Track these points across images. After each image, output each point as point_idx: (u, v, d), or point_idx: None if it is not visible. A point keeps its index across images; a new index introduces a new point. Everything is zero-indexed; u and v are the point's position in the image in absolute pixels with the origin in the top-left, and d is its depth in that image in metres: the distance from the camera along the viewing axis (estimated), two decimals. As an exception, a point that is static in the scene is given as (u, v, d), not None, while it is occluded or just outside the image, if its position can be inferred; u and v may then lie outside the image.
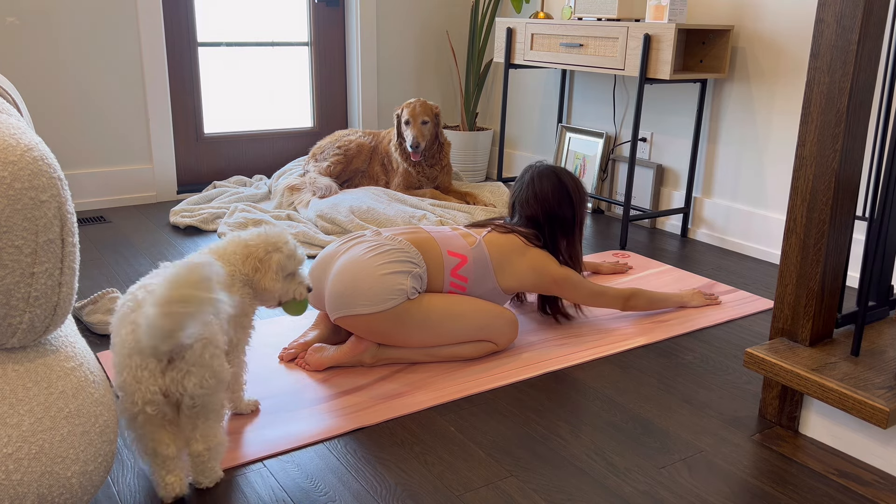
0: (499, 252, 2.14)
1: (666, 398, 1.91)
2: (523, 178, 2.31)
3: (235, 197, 3.47)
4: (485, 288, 2.12)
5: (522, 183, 2.30)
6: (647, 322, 2.36)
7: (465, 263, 2.08)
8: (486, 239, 2.16)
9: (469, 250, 2.10)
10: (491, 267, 2.12)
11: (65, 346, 1.24)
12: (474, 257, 2.10)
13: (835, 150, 1.65)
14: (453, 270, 2.06)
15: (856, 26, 1.58)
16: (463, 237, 2.14)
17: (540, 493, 1.52)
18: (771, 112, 2.96)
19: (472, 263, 2.09)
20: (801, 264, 1.74)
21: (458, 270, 2.07)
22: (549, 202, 2.24)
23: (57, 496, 1.15)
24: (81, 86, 3.37)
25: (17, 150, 1.10)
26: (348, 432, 1.72)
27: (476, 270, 2.10)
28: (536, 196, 2.25)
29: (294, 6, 3.96)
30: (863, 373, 1.63)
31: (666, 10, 2.93)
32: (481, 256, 2.11)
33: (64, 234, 1.16)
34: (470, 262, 2.09)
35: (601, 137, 3.66)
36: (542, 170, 2.29)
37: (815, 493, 1.54)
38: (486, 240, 2.15)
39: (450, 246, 2.09)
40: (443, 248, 2.07)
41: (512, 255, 2.15)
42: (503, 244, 2.16)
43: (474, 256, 2.10)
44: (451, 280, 2.07)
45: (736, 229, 3.14)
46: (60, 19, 3.26)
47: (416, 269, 1.99)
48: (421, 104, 3.44)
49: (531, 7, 3.99)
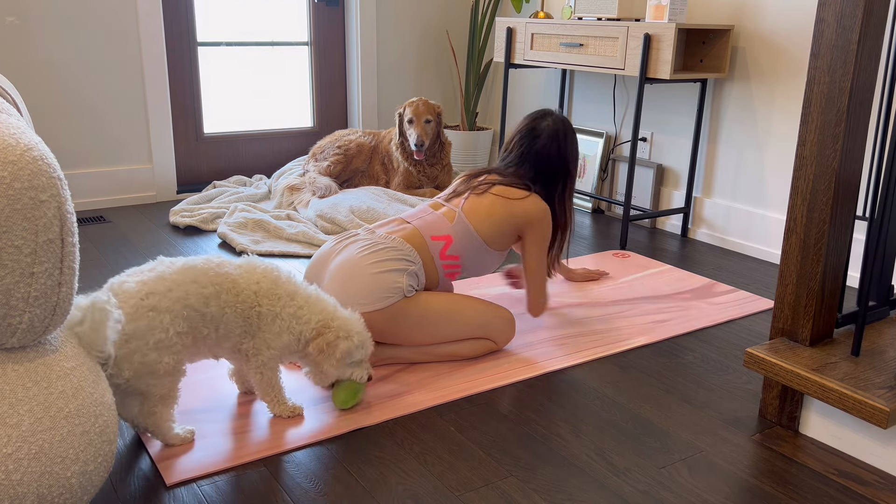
0: (479, 217, 2.13)
1: (666, 398, 1.91)
2: (523, 124, 2.29)
3: (235, 197, 3.47)
4: (478, 256, 2.13)
5: (523, 128, 2.29)
6: (647, 322, 2.36)
7: (451, 243, 2.09)
8: (465, 209, 2.14)
9: (450, 227, 2.10)
10: (476, 234, 2.12)
11: (65, 345, 1.24)
12: (457, 232, 2.10)
13: (835, 150, 1.65)
14: (441, 253, 2.07)
15: (856, 26, 1.58)
16: (444, 216, 2.13)
17: (540, 493, 1.52)
18: (771, 112, 2.96)
19: (457, 239, 2.10)
20: (802, 264, 1.74)
21: (447, 251, 2.08)
22: (548, 146, 2.23)
23: (57, 496, 1.15)
24: (81, 85, 3.37)
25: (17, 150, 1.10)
26: (348, 432, 1.72)
27: (463, 244, 2.10)
28: (535, 140, 2.24)
29: (294, 6, 3.96)
30: (863, 373, 1.63)
31: (666, 9, 2.93)
32: (464, 229, 2.11)
33: (63, 234, 1.16)
34: (455, 239, 2.09)
35: (601, 137, 3.66)
36: (541, 114, 2.28)
37: (815, 493, 1.54)
38: (465, 209, 2.14)
39: (432, 231, 2.09)
40: (425, 236, 2.07)
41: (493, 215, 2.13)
42: (482, 208, 2.14)
43: (456, 231, 2.10)
44: (443, 263, 2.08)
45: (736, 229, 3.14)
46: (60, 19, 3.26)
47: (411, 266, 1.99)
48: (424, 103, 3.44)
49: (531, 7, 3.99)
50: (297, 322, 1.67)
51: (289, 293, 1.68)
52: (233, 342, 1.66)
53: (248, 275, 1.66)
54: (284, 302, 1.67)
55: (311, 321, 1.68)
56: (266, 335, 1.65)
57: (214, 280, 1.61)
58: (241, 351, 1.68)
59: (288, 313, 1.66)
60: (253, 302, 1.64)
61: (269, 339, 1.66)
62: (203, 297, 1.58)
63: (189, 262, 1.63)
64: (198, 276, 1.60)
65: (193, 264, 1.62)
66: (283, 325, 1.66)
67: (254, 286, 1.65)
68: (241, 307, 1.63)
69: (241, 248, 2.90)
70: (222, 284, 1.61)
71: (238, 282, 1.64)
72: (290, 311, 1.66)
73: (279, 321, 1.65)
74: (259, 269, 1.69)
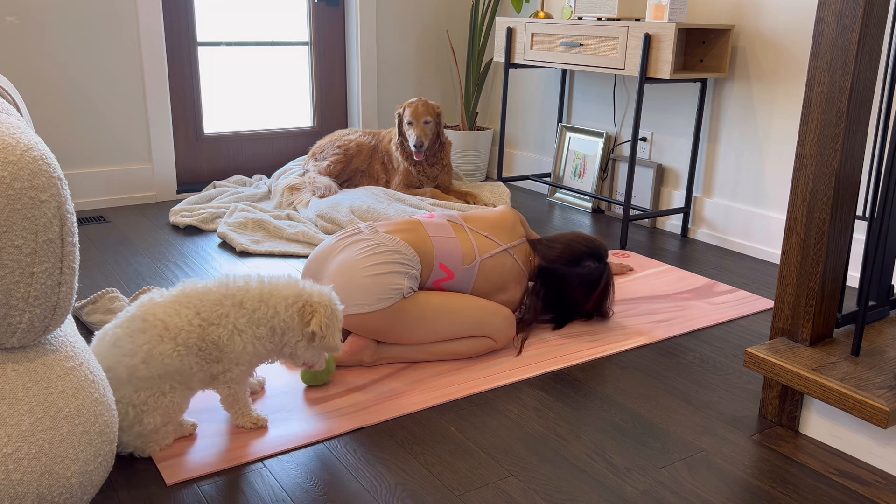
0: (486, 278, 2.15)
1: (666, 398, 1.91)
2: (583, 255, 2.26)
3: (235, 196, 3.46)
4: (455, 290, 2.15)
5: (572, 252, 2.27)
6: (647, 322, 2.35)
7: (450, 280, 2.10)
8: (485, 264, 2.14)
9: (461, 269, 2.11)
10: (471, 287, 2.14)
11: (64, 345, 1.24)
12: (461, 276, 2.11)
13: (835, 150, 1.65)
14: (436, 282, 2.09)
15: (856, 25, 1.58)
16: (463, 251, 2.12)
17: (540, 493, 1.52)
18: (771, 111, 2.95)
19: (456, 282, 2.12)
20: (802, 264, 1.74)
21: (441, 283, 2.10)
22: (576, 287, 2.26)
23: (57, 496, 1.15)
24: (81, 85, 3.37)
25: (17, 150, 1.10)
26: (348, 432, 1.72)
27: (456, 287, 2.13)
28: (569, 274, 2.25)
29: (294, 5, 3.96)
30: (863, 373, 1.63)
31: (666, 9, 2.93)
32: (467, 279, 2.12)
33: (63, 234, 1.16)
34: (455, 280, 2.11)
35: (601, 137, 3.66)
36: (593, 253, 2.27)
37: (815, 493, 1.54)
38: (484, 265, 2.14)
39: (444, 259, 2.09)
40: (437, 260, 2.08)
41: (496, 286, 2.17)
42: (498, 272, 2.16)
43: (462, 276, 2.11)
44: (429, 285, 2.10)
45: (736, 229, 3.14)
46: (60, 19, 3.26)
47: (411, 270, 1.99)
48: (423, 103, 3.44)
49: (531, 6, 3.99)
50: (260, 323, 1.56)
51: (236, 303, 1.56)
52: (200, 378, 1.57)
53: (180, 309, 1.53)
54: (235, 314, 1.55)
55: (280, 309, 1.57)
56: (230, 354, 1.56)
57: (142, 339, 1.50)
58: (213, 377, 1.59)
59: (244, 322, 1.55)
60: (199, 337, 1.52)
61: (234, 357, 1.57)
62: (132, 366, 1.49)
63: (122, 321, 1.53)
64: (123, 340, 1.50)
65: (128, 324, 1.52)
66: (245, 338, 1.55)
67: (192, 319, 1.52)
68: (185, 349, 1.52)
69: (241, 248, 2.90)
70: (150, 340, 1.50)
71: (169, 324, 1.51)
72: (244, 321, 1.55)
73: (237, 336, 1.55)
74: (196, 292, 1.55)
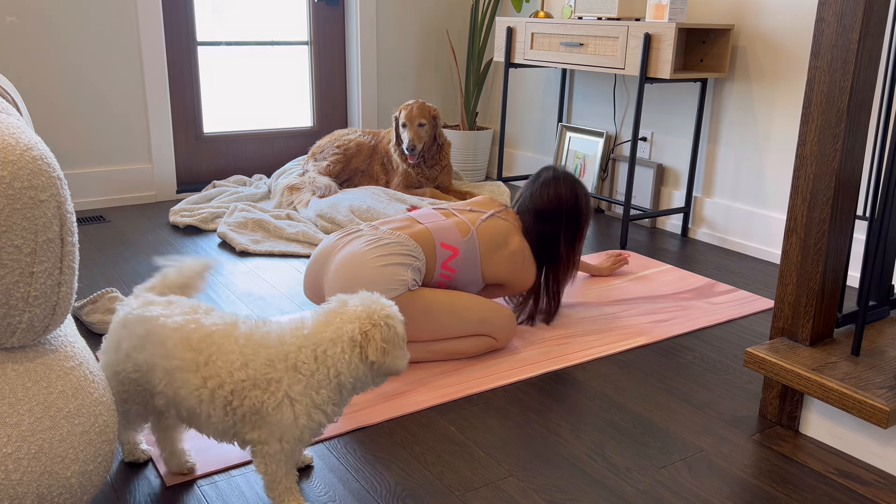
0: (488, 241, 2.14)
1: (666, 398, 1.91)
2: (540, 176, 2.32)
3: (235, 196, 3.46)
4: (468, 279, 2.14)
5: (538, 180, 2.31)
6: (647, 322, 2.35)
7: (456, 256, 2.09)
8: (480, 228, 2.15)
9: (462, 242, 2.11)
10: (479, 258, 2.13)
11: (64, 345, 1.24)
12: (465, 249, 2.11)
13: (835, 150, 1.65)
14: (444, 262, 2.08)
15: (856, 25, 1.58)
16: (458, 227, 2.14)
17: (540, 493, 1.52)
18: (771, 111, 2.95)
19: (462, 255, 2.10)
20: (802, 264, 1.74)
21: (449, 262, 2.09)
22: (563, 203, 2.25)
23: (56, 496, 1.15)
24: (81, 85, 3.37)
25: (17, 150, 1.10)
26: (348, 432, 1.72)
27: (465, 262, 2.11)
28: (551, 195, 2.26)
29: (294, 5, 3.96)
30: (863, 372, 1.63)
31: (666, 9, 2.92)
32: (472, 248, 2.12)
33: (63, 234, 1.16)
34: (461, 254, 2.10)
35: (601, 137, 3.66)
36: (561, 174, 2.30)
37: (815, 493, 1.54)
38: (480, 229, 2.15)
39: (443, 238, 2.09)
40: (437, 241, 2.08)
41: (498, 244, 2.16)
42: (494, 232, 2.16)
43: (465, 248, 2.11)
44: (440, 272, 2.08)
45: (736, 229, 3.14)
46: (60, 19, 3.26)
47: (416, 262, 2.00)
48: (418, 106, 3.44)
49: (531, 6, 3.99)
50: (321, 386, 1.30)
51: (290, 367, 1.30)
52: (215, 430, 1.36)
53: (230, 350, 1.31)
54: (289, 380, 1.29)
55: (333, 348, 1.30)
56: (273, 426, 1.31)
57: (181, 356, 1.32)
58: (243, 441, 1.37)
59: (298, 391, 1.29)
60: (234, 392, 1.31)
61: (278, 431, 1.31)
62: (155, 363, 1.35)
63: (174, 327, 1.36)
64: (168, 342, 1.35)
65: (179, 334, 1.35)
66: (298, 409, 1.30)
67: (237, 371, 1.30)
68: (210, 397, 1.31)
69: (241, 248, 2.90)
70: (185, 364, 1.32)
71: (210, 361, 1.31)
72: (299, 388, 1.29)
73: (288, 408, 1.29)
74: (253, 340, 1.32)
